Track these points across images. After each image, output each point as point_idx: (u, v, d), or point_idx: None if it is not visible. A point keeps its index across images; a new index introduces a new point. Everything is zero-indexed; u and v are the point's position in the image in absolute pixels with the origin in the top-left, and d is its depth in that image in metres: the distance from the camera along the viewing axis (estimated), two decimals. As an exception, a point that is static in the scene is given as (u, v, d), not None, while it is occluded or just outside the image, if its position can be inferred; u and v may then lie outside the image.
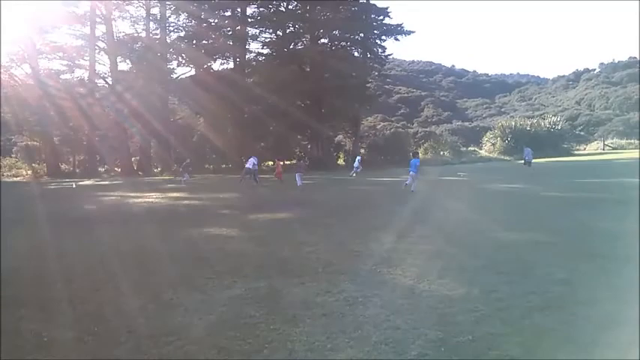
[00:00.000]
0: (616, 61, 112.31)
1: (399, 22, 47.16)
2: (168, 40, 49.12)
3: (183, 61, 49.19)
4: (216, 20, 48.33)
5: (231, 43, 47.73)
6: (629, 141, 57.84)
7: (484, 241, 8.24)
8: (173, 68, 50.26)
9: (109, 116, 47.12)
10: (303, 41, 47.43)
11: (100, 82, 48.86)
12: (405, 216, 11.72)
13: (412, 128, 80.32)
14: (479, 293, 5.37)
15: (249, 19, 47.25)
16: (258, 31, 48.06)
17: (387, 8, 45.86)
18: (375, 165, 41.50)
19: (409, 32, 46.26)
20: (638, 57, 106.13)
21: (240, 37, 46.99)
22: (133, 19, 48.33)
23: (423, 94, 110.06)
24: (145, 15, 48.37)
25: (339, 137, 56.25)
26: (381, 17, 46.38)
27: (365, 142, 51.13)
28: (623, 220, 9.72)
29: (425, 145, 51.75)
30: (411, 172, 18.29)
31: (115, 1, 46.67)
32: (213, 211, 14.19)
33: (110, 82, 47.80)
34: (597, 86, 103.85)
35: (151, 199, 19.00)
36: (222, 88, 43.22)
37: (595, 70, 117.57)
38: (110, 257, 8.01)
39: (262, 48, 48.38)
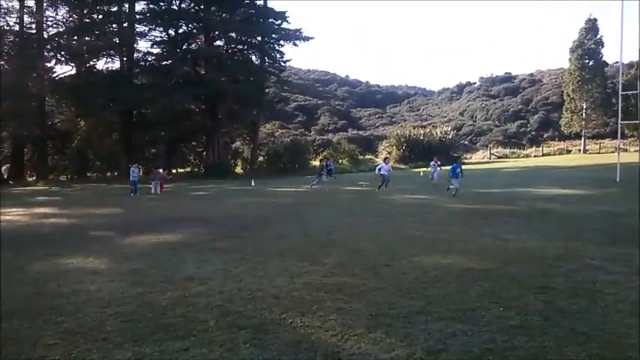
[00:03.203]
0: (494, 76, 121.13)
1: (298, 28, 46.09)
2: (46, 36, 44.18)
3: (63, 59, 44.44)
4: (100, 15, 44.32)
5: (117, 40, 43.92)
6: (512, 150, 61.94)
7: (409, 269, 7.01)
8: (51, 67, 45.44)
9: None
10: (197, 42, 44.80)
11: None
12: (312, 236, 10.30)
13: (310, 136, 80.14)
14: (426, 356, 4.05)
15: (138, 16, 43.73)
16: (147, 28, 44.70)
17: (285, 12, 44.57)
18: (274, 173, 40.03)
19: (308, 38, 45.41)
20: (512, 73, 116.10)
21: (128, 34, 43.32)
22: (3, 11, 42.72)
23: (319, 102, 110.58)
24: (18, 7, 42.93)
25: (237, 144, 54.24)
26: (279, 22, 45.02)
27: (263, 149, 49.50)
28: (545, 239, 9.08)
29: (324, 153, 51.10)
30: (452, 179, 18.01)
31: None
32: (83, 233, 11.77)
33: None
34: (478, 98, 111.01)
35: (9, 217, 15.93)
36: (107, 89, 39.78)
37: (476, 83, 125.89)
38: None
39: (152, 47, 45.04)
